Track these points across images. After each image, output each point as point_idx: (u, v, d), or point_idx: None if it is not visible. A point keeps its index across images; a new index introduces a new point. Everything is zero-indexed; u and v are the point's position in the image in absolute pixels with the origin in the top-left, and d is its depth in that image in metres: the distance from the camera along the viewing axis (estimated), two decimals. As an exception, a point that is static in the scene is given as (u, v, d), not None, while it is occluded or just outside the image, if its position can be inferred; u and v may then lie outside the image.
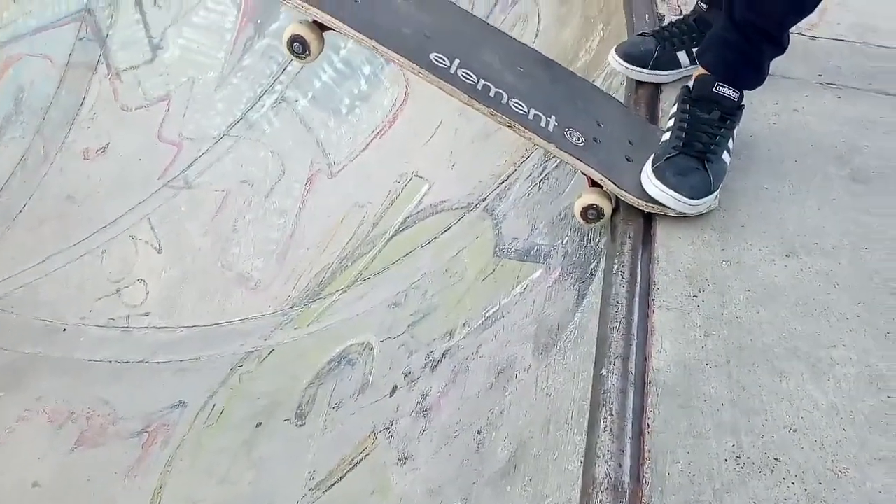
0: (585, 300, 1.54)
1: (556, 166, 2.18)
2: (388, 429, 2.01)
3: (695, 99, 1.62)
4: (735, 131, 1.65)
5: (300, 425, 2.39)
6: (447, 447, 1.70)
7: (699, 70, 1.67)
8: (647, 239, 1.52)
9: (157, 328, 3.28)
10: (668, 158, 1.58)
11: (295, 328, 2.92)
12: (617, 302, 1.35)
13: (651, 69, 1.94)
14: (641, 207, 1.58)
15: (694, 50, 1.95)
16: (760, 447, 1.15)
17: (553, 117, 1.60)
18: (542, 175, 2.25)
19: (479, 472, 1.51)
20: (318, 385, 2.50)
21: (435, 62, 1.56)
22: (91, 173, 3.87)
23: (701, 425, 1.18)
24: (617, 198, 1.61)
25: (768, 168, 1.68)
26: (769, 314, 1.37)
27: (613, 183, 1.57)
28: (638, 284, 1.40)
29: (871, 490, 1.10)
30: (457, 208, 2.73)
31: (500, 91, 1.59)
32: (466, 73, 1.58)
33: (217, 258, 3.45)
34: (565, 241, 1.83)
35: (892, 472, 1.12)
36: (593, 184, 1.62)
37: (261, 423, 2.51)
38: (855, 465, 1.13)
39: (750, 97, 1.96)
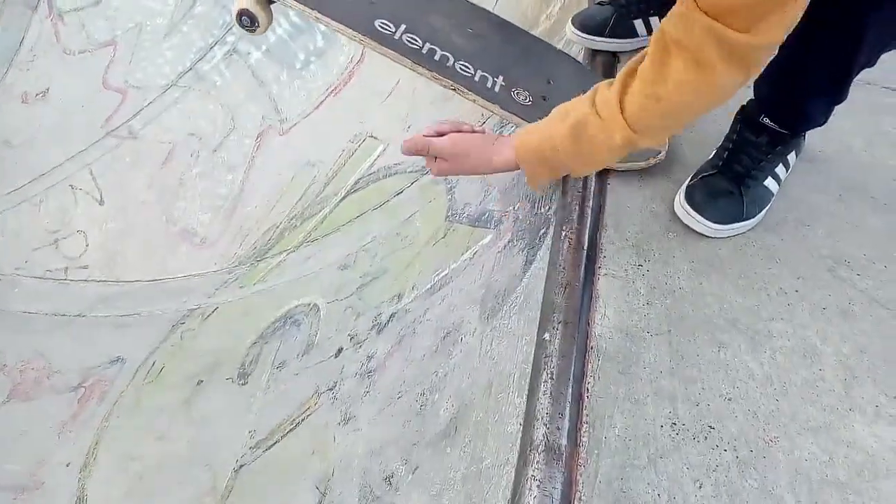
0: (533, 266, 1.54)
1: (510, 133, 2.16)
2: (331, 389, 2.00)
3: (745, 120, 1.55)
4: (791, 158, 1.59)
5: (242, 384, 2.36)
6: (390, 408, 1.69)
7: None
8: (596, 207, 1.52)
9: (96, 281, 3.17)
10: (703, 177, 1.53)
11: (240, 286, 2.87)
12: (563, 268, 1.35)
13: (608, 37, 1.93)
14: None
15: (651, 20, 1.95)
16: (696, 415, 1.18)
17: (500, 77, 1.59)
18: (497, 140, 2.23)
19: (420, 433, 1.51)
20: (262, 344, 2.47)
21: (379, 28, 1.54)
22: (30, 118, 3.69)
23: (639, 391, 1.20)
24: None
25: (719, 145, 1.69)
26: (711, 286, 1.40)
27: None
28: (584, 251, 1.40)
29: (799, 458, 1.13)
30: (411, 171, 2.70)
31: (446, 54, 1.58)
32: (411, 38, 1.56)
33: (161, 212, 3.35)
34: (517, 208, 1.83)
35: (818, 441, 1.16)
36: None
37: (202, 381, 2.47)
38: (785, 434, 1.16)
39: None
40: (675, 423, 1.16)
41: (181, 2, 3.70)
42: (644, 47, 2.02)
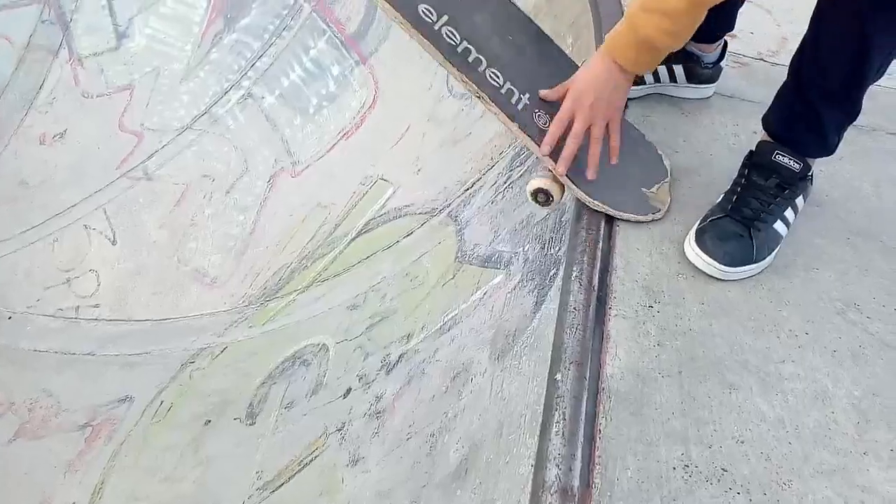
0: (543, 306, 1.55)
1: (521, 175, 2.19)
2: (339, 430, 1.99)
3: (754, 164, 1.58)
4: (799, 202, 1.61)
5: (250, 424, 2.35)
6: (399, 449, 1.68)
7: (763, 135, 1.63)
8: (606, 248, 1.53)
9: (106, 320, 3.19)
10: (712, 220, 1.54)
11: (250, 326, 2.88)
12: (574, 308, 1.36)
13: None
14: (589, 204, 1.58)
15: (659, 69, 1.99)
16: (708, 457, 1.17)
17: (526, 95, 1.55)
18: (507, 183, 2.26)
19: (429, 474, 1.50)
20: (270, 384, 2.47)
21: (422, 14, 1.48)
22: (47, 159, 3.76)
23: (651, 433, 1.20)
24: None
25: (728, 187, 1.71)
26: (721, 328, 1.40)
27: (570, 178, 1.54)
28: (595, 292, 1.41)
29: (813, 501, 1.12)
30: (420, 213, 2.73)
31: (480, 57, 1.52)
32: (450, 32, 1.50)
33: (173, 252, 3.38)
34: (526, 249, 1.84)
35: (832, 485, 1.15)
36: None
37: (210, 421, 2.46)
38: (799, 477, 1.16)
39: (711, 118, 2.02)
40: (687, 466, 1.15)
41: (198, 48, 3.80)
42: (652, 94, 2.05)
